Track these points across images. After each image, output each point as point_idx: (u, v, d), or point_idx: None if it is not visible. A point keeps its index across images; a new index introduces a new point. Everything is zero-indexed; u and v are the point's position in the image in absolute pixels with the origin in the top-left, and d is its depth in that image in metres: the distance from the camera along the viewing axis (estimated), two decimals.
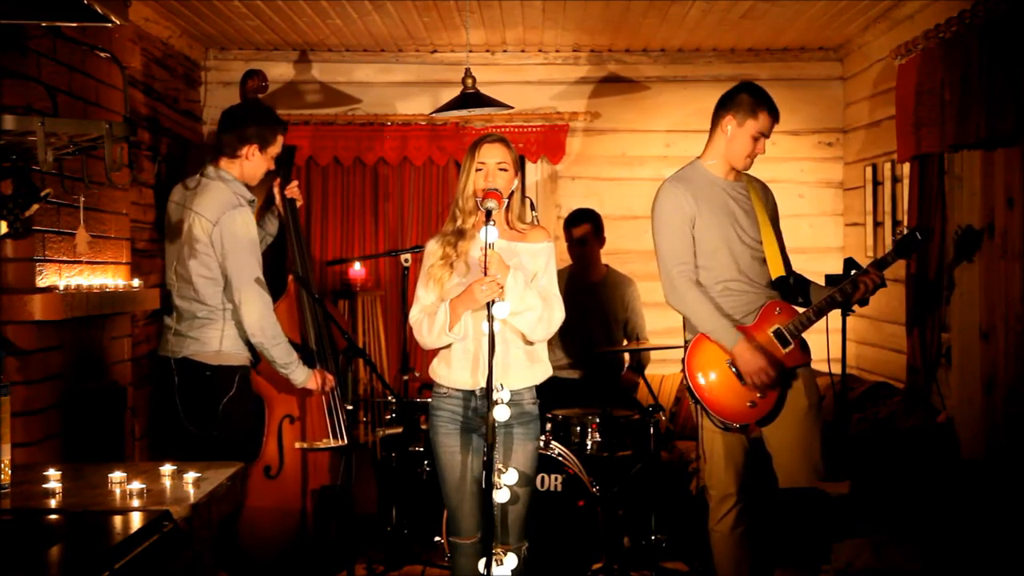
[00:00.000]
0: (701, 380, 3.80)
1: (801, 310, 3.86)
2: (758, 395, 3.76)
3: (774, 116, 3.85)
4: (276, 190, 4.68)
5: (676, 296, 3.81)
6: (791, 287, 3.93)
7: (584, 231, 5.42)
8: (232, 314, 4.16)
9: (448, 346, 3.45)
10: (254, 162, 4.28)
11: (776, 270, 3.86)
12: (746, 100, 3.83)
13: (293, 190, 4.70)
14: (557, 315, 3.42)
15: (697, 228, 3.81)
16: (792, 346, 3.79)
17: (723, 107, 3.87)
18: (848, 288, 3.78)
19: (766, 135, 3.85)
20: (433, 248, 3.49)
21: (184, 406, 4.17)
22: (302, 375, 4.24)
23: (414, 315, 3.47)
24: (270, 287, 4.24)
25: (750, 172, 3.98)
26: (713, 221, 3.82)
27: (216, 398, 4.14)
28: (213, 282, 4.13)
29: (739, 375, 3.77)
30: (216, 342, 4.16)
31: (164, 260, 4.37)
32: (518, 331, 3.40)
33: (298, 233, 4.68)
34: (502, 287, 3.24)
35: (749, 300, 3.84)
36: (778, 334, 3.80)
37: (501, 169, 3.40)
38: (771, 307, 3.83)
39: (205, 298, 4.14)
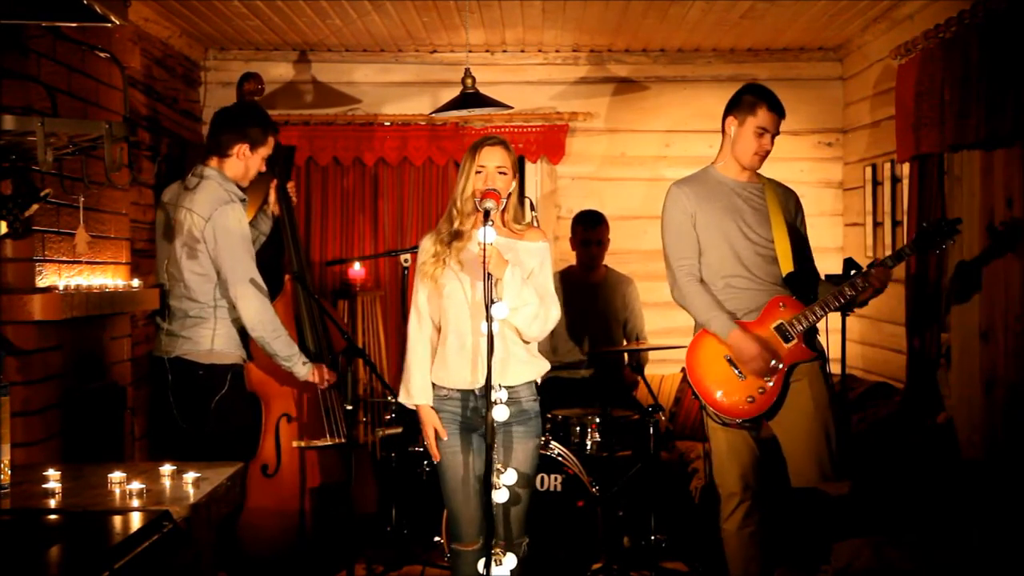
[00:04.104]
0: (700, 376, 3.83)
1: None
2: (757, 391, 3.76)
3: (775, 111, 3.88)
4: (272, 190, 4.69)
5: (678, 291, 3.89)
6: (800, 284, 3.90)
7: (602, 233, 5.43)
8: (224, 312, 4.16)
9: (444, 347, 3.45)
10: (245, 162, 4.29)
11: (787, 268, 3.85)
12: (745, 99, 3.90)
13: (290, 189, 4.70)
14: (554, 312, 3.42)
15: (698, 225, 3.87)
16: (795, 342, 3.78)
17: (727, 110, 3.95)
18: (859, 284, 3.75)
19: (769, 130, 3.87)
20: (427, 246, 3.50)
21: (178, 405, 4.17)
22: (304, 369, 4.25)
23: (411, 333, 3.52)
24: (267, 287, 4.24)
25: (776, 177, 4.02)
26: (713, 218, 3.85)
27: (209, 397, 4.14)
28: (205, 278, 4.13)
29: (737, 370, 3.78)
30: (208, 341, 4.16)
31: (156, 259, 4.37)
32: (514, 327, 3.39)
33: (294, 232, 4.68)
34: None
35: (753, 297, 3.84)
36: (780, 329, 3.79)
37: (500, 173, 3.40)
38: (775, 302, 3.82)
39: (197, 295, 4.14)
